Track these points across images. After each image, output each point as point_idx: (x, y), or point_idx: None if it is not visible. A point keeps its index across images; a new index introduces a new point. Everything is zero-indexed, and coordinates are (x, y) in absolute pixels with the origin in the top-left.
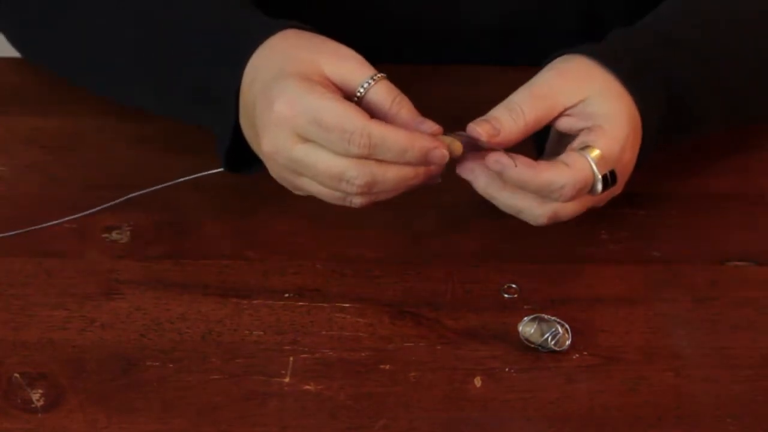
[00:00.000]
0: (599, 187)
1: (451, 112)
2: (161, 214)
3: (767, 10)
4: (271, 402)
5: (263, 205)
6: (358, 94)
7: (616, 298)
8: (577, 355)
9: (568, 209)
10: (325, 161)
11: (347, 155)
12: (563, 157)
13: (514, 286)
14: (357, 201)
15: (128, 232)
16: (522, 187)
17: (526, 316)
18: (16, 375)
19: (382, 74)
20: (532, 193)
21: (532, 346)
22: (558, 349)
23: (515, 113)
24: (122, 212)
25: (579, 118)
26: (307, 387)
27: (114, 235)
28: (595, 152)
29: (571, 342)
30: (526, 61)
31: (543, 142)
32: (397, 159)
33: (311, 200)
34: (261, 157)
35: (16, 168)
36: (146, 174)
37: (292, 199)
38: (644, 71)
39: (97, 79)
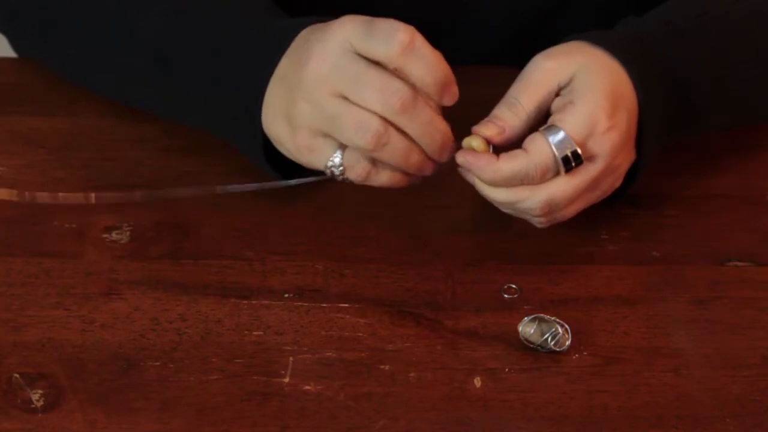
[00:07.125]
0: (563, 169)
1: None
2: (161, 214)
3: None
4: (271, 402)
5: (263, 205)
6: None
7: (616, 298)
8: (577, 355)
9: (564, 190)
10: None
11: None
12: (526, 141)
13: (514, 286)
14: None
15: (128, 232)
16: (491, 184)
17: (526, 316)
18: (16, 375)
19: None
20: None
21: (532, 346)
22: (558, 349)
23: (515, 107)
24: (122, 212)
25: (563, 94)
26: (307, 387)
27: (114, 235)
28: (559, 134)
29: (571, 342)
30: None
31: None
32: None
33: (311, 200)
34: (301, 89)
35: (16, 168)
36: (146, 174)
37: (292, 200)
38: (635, 44)
39: (107, 80)
